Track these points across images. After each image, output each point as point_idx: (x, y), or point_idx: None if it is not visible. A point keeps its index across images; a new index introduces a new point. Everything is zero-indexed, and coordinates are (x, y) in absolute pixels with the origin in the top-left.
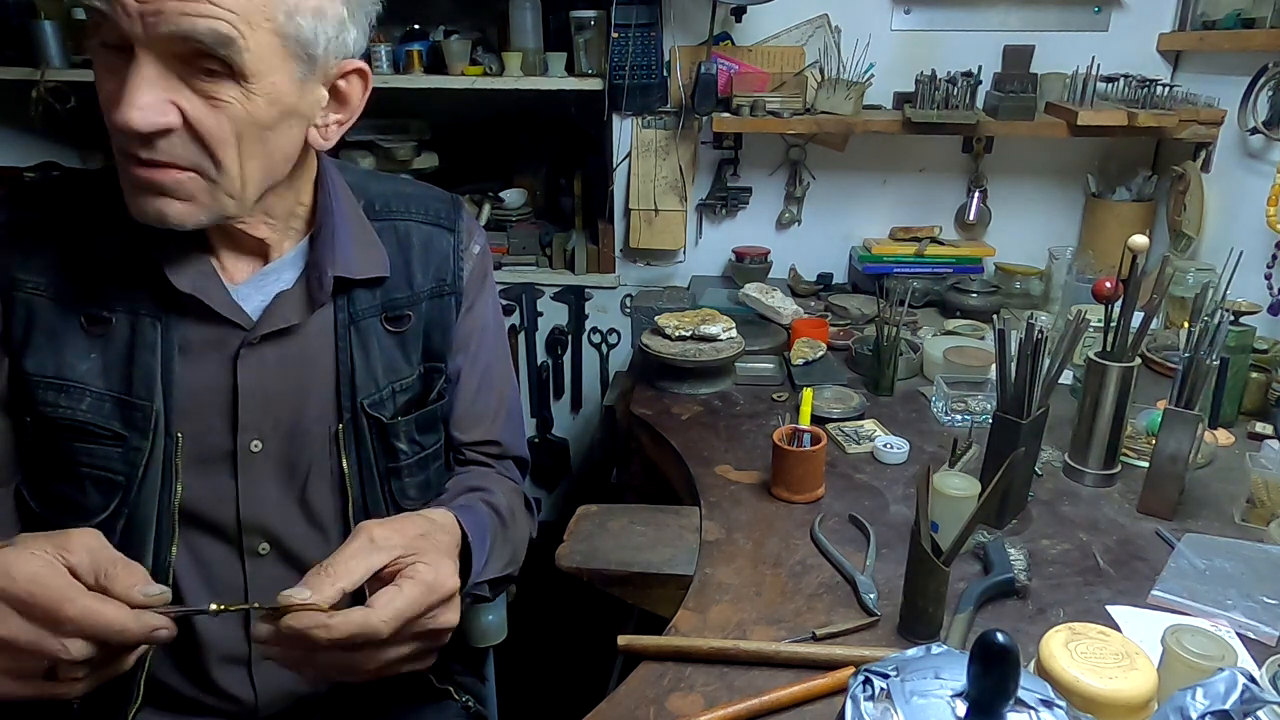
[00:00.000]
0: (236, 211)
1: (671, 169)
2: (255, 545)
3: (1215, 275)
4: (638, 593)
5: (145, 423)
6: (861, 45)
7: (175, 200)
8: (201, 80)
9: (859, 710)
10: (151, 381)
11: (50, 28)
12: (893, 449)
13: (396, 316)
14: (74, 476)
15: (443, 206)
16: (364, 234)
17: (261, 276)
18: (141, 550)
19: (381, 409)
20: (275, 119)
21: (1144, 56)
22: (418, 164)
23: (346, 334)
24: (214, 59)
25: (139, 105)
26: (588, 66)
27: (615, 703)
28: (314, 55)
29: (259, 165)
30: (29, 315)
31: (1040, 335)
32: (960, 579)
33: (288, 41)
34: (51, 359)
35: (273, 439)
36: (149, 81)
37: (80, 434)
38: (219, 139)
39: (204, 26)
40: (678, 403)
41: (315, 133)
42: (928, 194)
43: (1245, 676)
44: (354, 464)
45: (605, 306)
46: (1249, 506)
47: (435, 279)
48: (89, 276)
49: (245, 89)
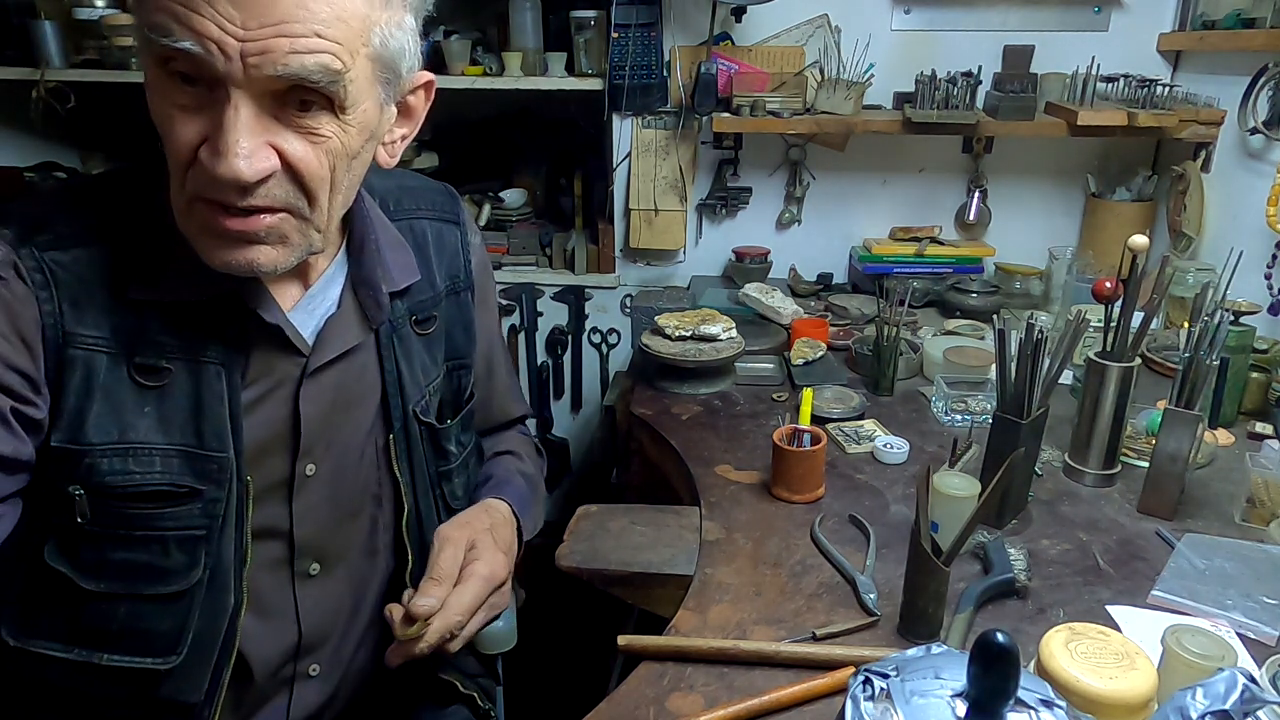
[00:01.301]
0: (321, 246)
1: (671, 169)
2: (306, 567)
3: (1215, 275)
4: (638, 593)
5: (221, 474)
6: (861, 45)
7: (267, 247)
8: (297, 115)
9: (859, 710)
10: (223, 431)
11: (50, 28)
12: (893, 449)
13: (424, 319)
14: (152, 541)
15: (444, 199)
16: (391, 238)
17: (309, 300)
18: (224, 592)
19: (429, 413)
20: (362, 146)
21: (1144, 56)
22: (418, 164)
23: (390, 344)
24: (314, 93)
25: (243, 154)
26: (588, 66)
27: (615, 703)
28: (399, 74)
29: (344, 197)
30: (90, 375)
31: (1040, 335)
32: (960, 579)
33: (378, 65)
34: (115, 423)
35: (325, 461)
36: (248, 126)
37: (156, 498)
38: (318, 177)
39: (313, 63)
40: (678, 403)
41: (383, 151)
42: (928, 194)
43: (1245, 676)
44: (406, 473)
45: (605, 306)
46: (1249, 506)
47: (450, 276)
48: (135, 320)
49: (342, 121)
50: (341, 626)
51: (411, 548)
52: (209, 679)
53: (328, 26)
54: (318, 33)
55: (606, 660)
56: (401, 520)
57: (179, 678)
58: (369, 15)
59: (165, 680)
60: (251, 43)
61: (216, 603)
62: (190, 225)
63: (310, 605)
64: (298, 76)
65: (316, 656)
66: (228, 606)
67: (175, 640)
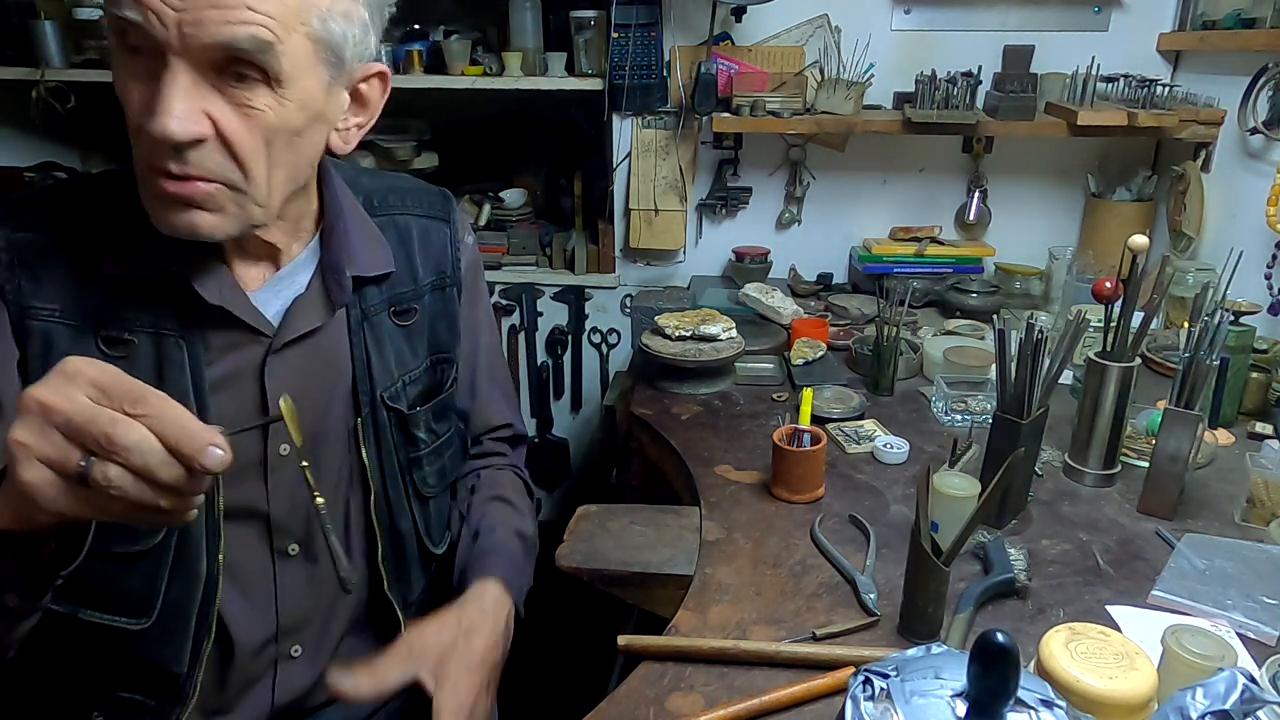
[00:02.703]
0: (263, 220)
1: (671, 169)
2: (285, 546)
3: (1215, 275)
4: (638, 593)
5: None
6: (861, 45)
7: (205, 213)
8: (234, 87)
9: (859, 710)
10: (185, 401)
11: (50, 28)
12: (893, 449)
13: (403, 310)
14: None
15: (436, 199)
16: (369, 231)
17: (276, 282)
18: (194, 564)
19: (399, 400)
20: (305, 125)
21: (1144, 56)
22: (418, 164)
23: (361, 330)
24: (250, 65)
25: (175, 114)
26: (588, 66)
27: (615, 703)
28: (342, 59)
29: (286, 173)
30: (47, 344)
31: (1040, 335)
32: (960, 579)
33: (319, 46)
34: None
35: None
36: (184, 90)
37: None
38: (250, 149)
39: (244, 33)
40: (678, 403)
41: (337, 137)
42: (928, 194)
43: (1245, 676)
44: (374, 457)
45: (605, 306)
46: (1249, 506)
47: (436, 271)
48: (103, 296)
49: (279, 95)
50: (323, 608)
51: (380, 532)
52: (190, 649)
53: (261, 1)
54: (249, 5)
55: (606, 660)
56: (369, 503)
57: (156, 641)
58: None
59: (141, 642)
60: (186, 13)
61: (188, 571)
62: (144, 194)
63: (290, 585)
64: (229, 45)
65: (299, 638)
66: (200, 576)
67: (146, 602)
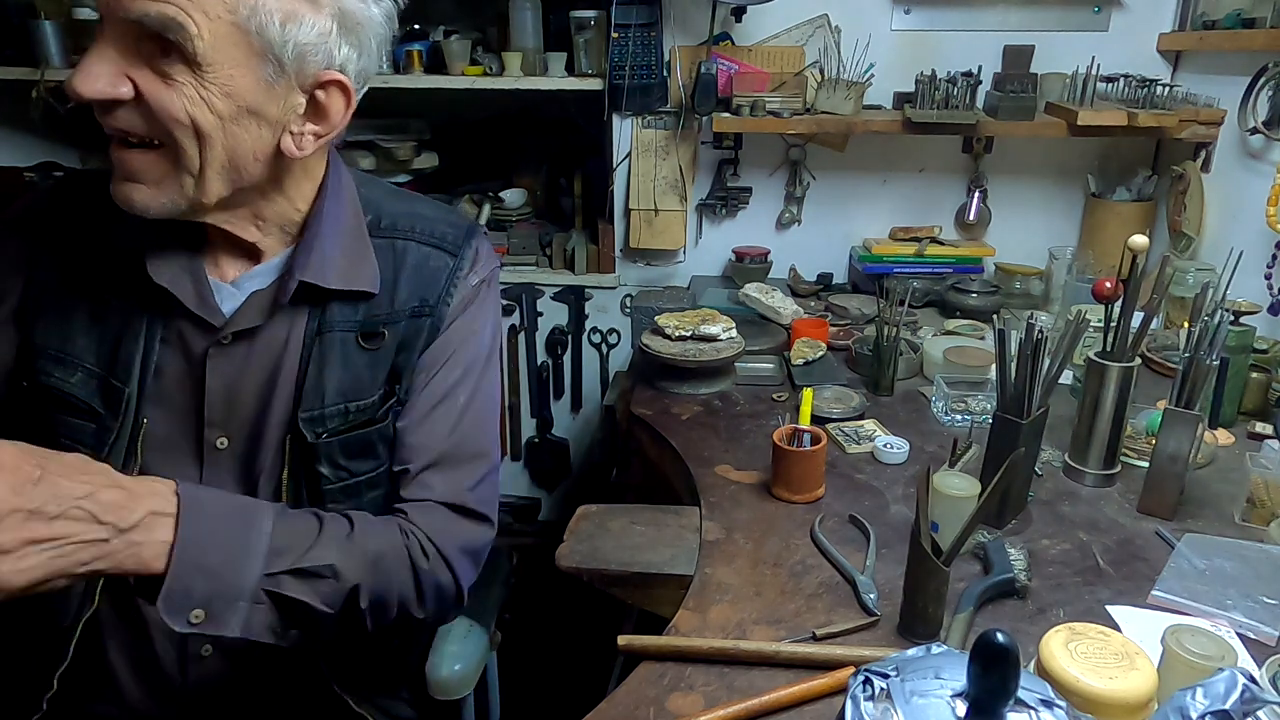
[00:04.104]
0: (200, 199)
1: (671, 169)
2: None
3: (1215, 275)
4: (638, 593)
5: (118, 403)
6: (861, 45)
7: (142, 185)
8: (158, 60)
9: (859, 710)
10: (130, 367)
11: (50, 28)
12: (893, 449)
13: (372, 333)
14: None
15: (451, 231)
16: (357, 247)
17: (248, 278)
18: None
19: (313, 425)
20: (234, 113)
21: (1144, 56)
22: (418, 164)
23: (311, 344)
24: (169, 43)
25: (90, 74)
26: (588, 66)
27: (615, 703)
28: (282, 58)
29: (220, 157)
30: (43, 291)
31: (1040, 335)
32: (960, 579)
33: (250, 38)
34: (57, 333)
35: (238, 438)
36: (106, 56)
37: (65, 406)
38: (168, 115)
39: (154, 11)
40: (678, 403)
41: (289, 140)
42: (928, 194)
43: (1245, 676)
44: (291, 476)
45: (605, 306)
46: (1249, 506)
47: (419, 298)
48: (94, 264)
49: (199, 76)
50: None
51: None
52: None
53: None
54: None
55: (606, 660)
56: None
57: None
58: None
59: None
60: None
61: None
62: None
63: None
64: (140, 19)
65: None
66: None
67: None
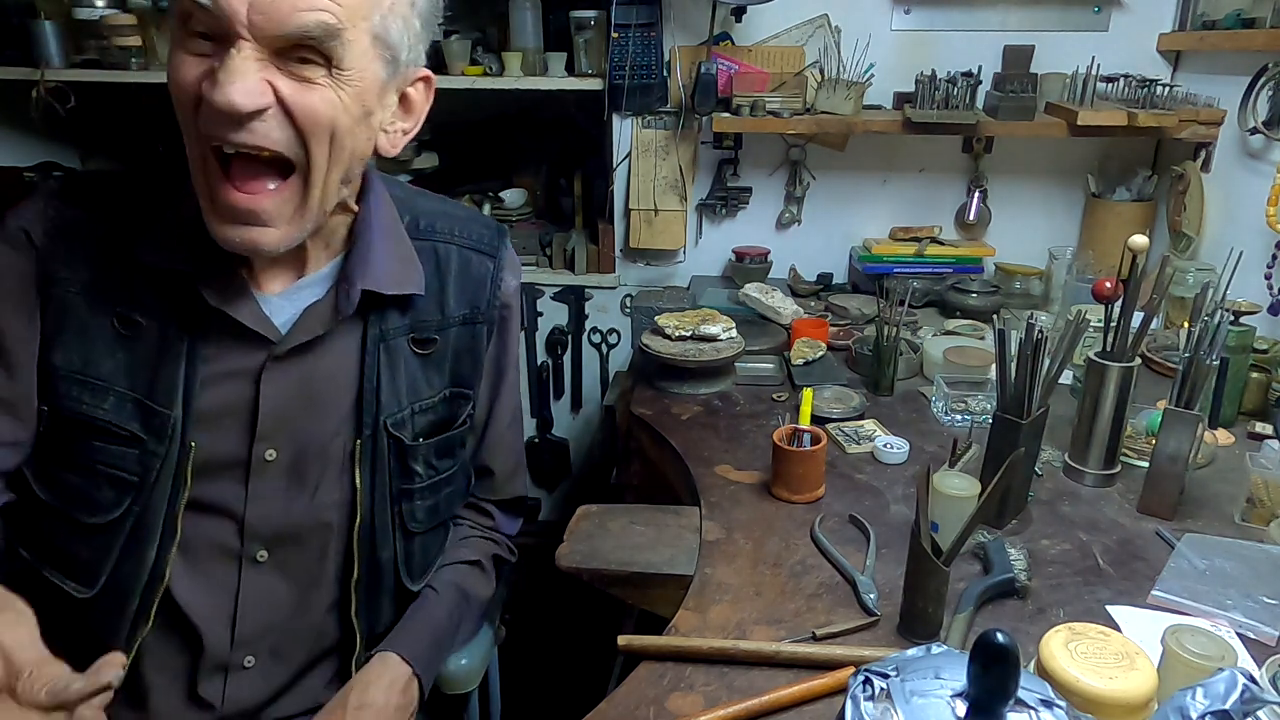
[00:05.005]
0: (316, 224)
1: (671, 169)
2: (254, 552)
3: (1215, 275)
4: (638, 593)
5: (163, 429)
6: (861, 45)
7: (270, 228)
8: (295, 65)
9: (859, 710)
10: (173, 391)
11: (50, 28)
12: (893, 449)
13: (424, 339)
14: (89, 472)
15: (487, 233)
16: (402, 250)
17: (295, 290)
18: (144, 550)
19: (403, 429)
20: (360, 117)
21: (1144, 56)
22: (418, 164)
23: (376, 351)
24: (313, 50)
25: (240, 85)
26: (588, 66)
27: (615, 703)
28: (398, 59)
29: (343, 163)
30: (62, 311)
31: (1040, 335)
32: (960, 579)
33: (378, 43)
34: (79, 354)
35: (287, 450)
36: (248, 67)
37: (100, 432)
38: (312, 118)
39: (313, 20)
40: (678, 403)
41: (384, 139)
42: (928, 194)
43: (1245, 676)
44: (367, 482)
45: (605, 306)
46: (1249, 506)
47: (469, 305)
48: (125, 279)
49: (337, 79)
50: (282, 625)
51: (359, 559)
52: (127, 625)
53: None
54: None
55: (606, 660)
56: (353, 528)
57: (96, 612)
58: None
59: (86, 612)
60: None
61: (138, 551)
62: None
63: (252, 593)
64: (299, 34)
65: (253, 649)
66: (149, 559)
67: (93, 573)
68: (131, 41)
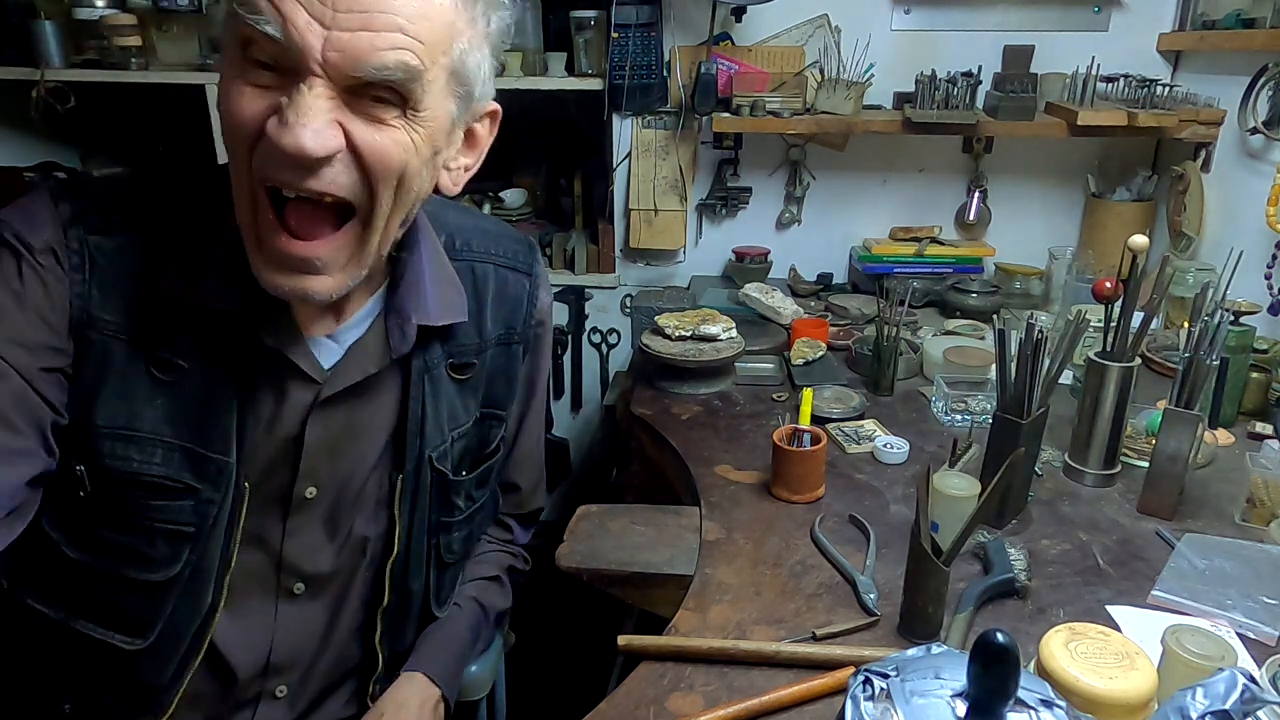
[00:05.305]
0: (370, 270)
1: (671, 169)
2: (291, 585)
3: (1215, 275)
4: (638, 593)
5: (219, 476)
6: (861, 45)
7: (325, 276)
8: (369, 104)
9: (859, 710)
10: (228, 435)
11: (50, 28)
12: (893, 449)
13: (462, 364)
14: (141, 530)
15: (520, 249)
16: (444, 275)
17: (341, 330)
18: (200, 597)
19: (445, 460)
20: (428, 158)
21: (1144, 56)
22: None
23: (421, 383)
24: (390, 89)
25: (313, 128)
26: (588, 66)
27: (615, 703)
28: (471, 94)
29: (406, 205)
30: (104, 361)
31: (1040, 335)
32: (960, 579)
33: (453, 78)
34: (124, 408)
35: (327, 486)
36: (320, 108)
37: (153, 489)
38: (384, 162)
39: (394, 59)
40: (678, 403)
41: (446, 177)
42: (928, 194)
43: (1245, 676)
44: (406, 517)
45: (605, 306)
46: (1249, 506)
47: (505, 325)
48: (162, 314)
49: (410, 119)
50: (312, 652)
51: (391, 589)
52: (174, 667)
53: (412, 23)
54: (401, 28)
55: (606, 660)
56: (388, 561)
57: (146, 660)
58: (455, 23)
59: (133, 660)
60: (336, 33)
61: (193, 599)
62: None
63: (288, 625)
64: (376, 76)
65: (285, 678)
66: (204, 605)
67: (147, 625)
68: (131, 41)
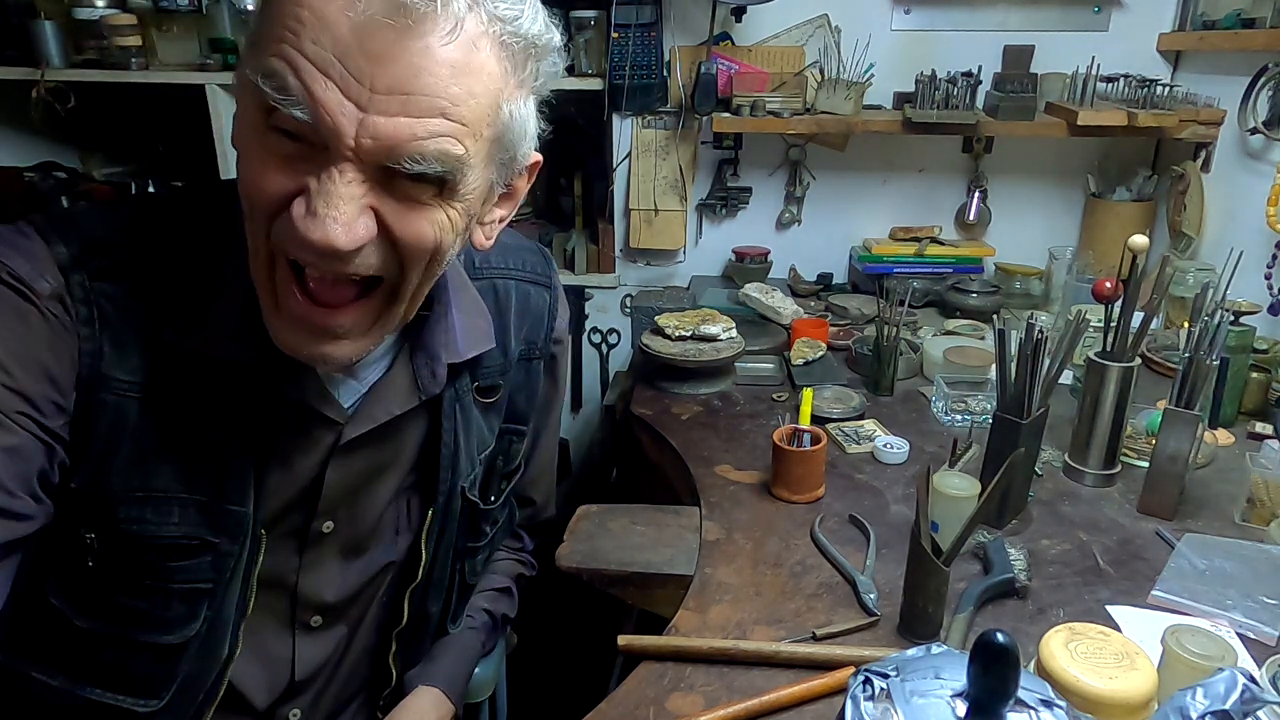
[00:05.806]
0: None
1: (671, 169)
2: (308, 618)
3: (1215, 275)
4: (638, 593)
5: (237, 528)
6: (861, 45)
7: (346, 341)
8: (404, 184)
9: (859, 710)
10: (245, 486)
11: (50, 28)
12: (893, 449)
13: (488, 387)
14: (158, 592)
15: (539, 261)
16: (469, 302)
17: (363, 365)
18: (218, 648)
19: (475, 490)
20: (461, 230)
21: (1144, 56)
22: None
23: (453, 414)
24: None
25: (343, 222)
26: (588, 66)
27: (615, 703)
28: (514, 157)
29: (431, 280)
30: (118, 422)
31: (1040, 335)
32: (960, 579)
33: (495, 145)
34: (139, 472)
35: (344, 521)
36: (350, 194)
37: (170, 550)
38: (418, 246)
39: (433, 150)
40: (678, 403)
41: (480, 232)
42: (928, 194)
43: (1245, 676)
44: (432, 549)
45: (605, 306)
46: (1249, 506)
47: (527, 341)
48: (172, 363)
49: (447, 198)
50: (327, 673)
51: (410, 611)
52: (190, 717)
53: (456, 105)
54: (444, 111)
55: (606, 660)
56: (409, 586)
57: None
58: (502, 89)
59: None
60: (372, 118)
61: (209, 653)
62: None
63: (305, 655)
64: (414, 170)
65: (300, 701)
66: (220, 657)
67: (161, 685)
68: (131, 41)
